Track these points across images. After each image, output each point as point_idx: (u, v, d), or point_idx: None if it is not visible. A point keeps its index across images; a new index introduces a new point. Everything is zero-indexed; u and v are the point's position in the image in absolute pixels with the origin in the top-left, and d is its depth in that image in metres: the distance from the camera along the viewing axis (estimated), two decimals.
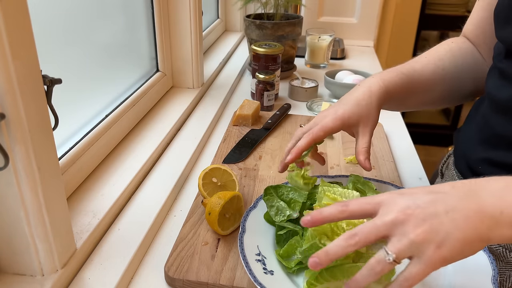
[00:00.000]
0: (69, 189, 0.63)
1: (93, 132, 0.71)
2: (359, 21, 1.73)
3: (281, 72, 1.20)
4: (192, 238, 0.60)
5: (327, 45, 1.38)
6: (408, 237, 0.39)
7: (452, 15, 2.50)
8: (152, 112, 0.93)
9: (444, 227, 0.38)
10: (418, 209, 0.40)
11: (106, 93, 0.80)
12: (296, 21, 1.25)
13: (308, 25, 1.62)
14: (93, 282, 0.52)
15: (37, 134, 0.43)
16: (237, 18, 1.68)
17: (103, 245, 0.58)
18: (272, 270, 0.52)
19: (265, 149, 0.86)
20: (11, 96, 0.39)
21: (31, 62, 0.42)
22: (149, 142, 0.81)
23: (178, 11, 0.98)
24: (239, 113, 0.95)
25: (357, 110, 0.60)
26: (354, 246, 0.40)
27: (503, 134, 0.58)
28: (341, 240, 0.41)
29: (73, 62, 0.68)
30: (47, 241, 0.47)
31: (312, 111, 1.08)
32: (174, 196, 0.72)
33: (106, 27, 0.79)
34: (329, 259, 0.41)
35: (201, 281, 0.53)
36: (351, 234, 0.41)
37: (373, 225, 0.40)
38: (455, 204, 0.40)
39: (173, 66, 1.05)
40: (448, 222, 0.39)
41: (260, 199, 0.63)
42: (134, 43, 0.91)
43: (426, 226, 0.39)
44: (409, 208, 0.40)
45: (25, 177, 0.43)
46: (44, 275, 0.49)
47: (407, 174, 0.82)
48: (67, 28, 0.66)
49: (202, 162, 0.84)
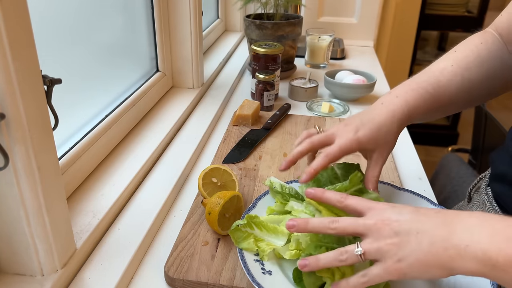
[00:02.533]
0: (69, 189, 0.63)
1: (93, 132, 0.71)
2: (359, 21, 1.73)
3: (281, 72, 1.20)
4: (192, 238, 0.60)
5: (327, 45, 1.38)
6: (378, 242, 0.44)
7: (452, 15, 2.50)
8: (152, 112, 0.93)
9: (410, 245, 0.42)
10: (396, 222, 0.44)
11: (106, 93, 0.80)
12: (296, 21, 1.25)
13: (308, 25, 1.62)
14: (93, 282, 0.52)
15: (37, 134, 0.43)
16: (237, 18, 1.68)
17: (103, 245, 0.58)
18: (270, 270, 0.52)
19: (265, 149, 0.86)
20: (11, 96, 0.39)
21: (31, 62, 0.42)
22: (149, 142, 0.81)
23: (178, 11, 0.99)
24: (239, 113, 0.95)
25: (377, 135, 0.58)
26: (331, 230, 0.47)
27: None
28: (324, 219, 0.48)
29: (73, 62, 0.68)
30: (47, 241, 0.47)
31: (312, 111, 1.08)
32: (174, 196, 0.72)
33: (106, 27, 0.79)
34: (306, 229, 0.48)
35: (201, 281, 0.53)
36: (334, 219, 0.47)
37: (355, 221, 0.46)
38: (428, 228, 0.43)
39: (173, 66, 1.06)
40: (414, 242, 0.42)
41: (259, 199, 0.63)
42: (134, 43, 0.91)
43: (395, 239, 0.43)
44: (389, 220, 0.45)
45: (25, 177, 0.43)
46: (44, 275, 0.49)
47: (407, 174, 0.82)
48: (67, 28, 0.66)
49: (202, 162, 0.84)
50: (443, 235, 0.41)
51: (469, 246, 0.39)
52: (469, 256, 0.39)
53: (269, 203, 0.63)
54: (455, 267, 0.40)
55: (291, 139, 0.90)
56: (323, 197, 0.51)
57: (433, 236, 0.42)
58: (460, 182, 1.31)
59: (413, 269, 0.41)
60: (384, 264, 0.43)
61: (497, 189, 0.64)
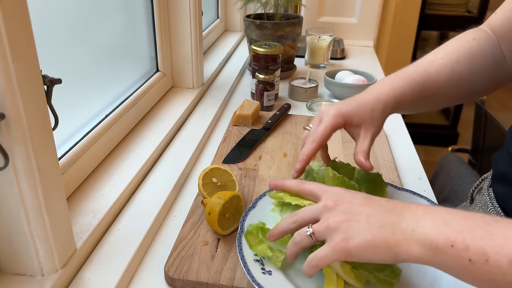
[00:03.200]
0: (69, 189, 0.63)
1: (93, 132, 0.71)
2: (359, 21, 1.73)
3: (281, 72, 1.20)
4: (192, 238, 0.60)
5: (327, 45, 1.38)
6: (327, 221, 0.44)
7: (452, 15, 2.50)
8: (152, 112, 0.93)
9: (359, 225, 0.43)
10: (346, 204, 0.45)
11: (106, 93, 0.80)
12: (296, 21, 1.25)
13: (308, 25, 1.62)
14: (93, 282, 0.52)
15: (37, 134, 0.43)
16: (237, 18, 1.68)
17: (103, 245, 0.58)
18: (270, 270, 0.52)
19: (265, 149, 0.86)
20: (11, 96, 0.39)
21: (31, 63, 0.42)
22: (149, 142, 0.81)
23: (178, 11, 0.99)
24: (239, 113, 0.95)
25: (362, 111, 0.58)
26: (294, 223, 0.48)
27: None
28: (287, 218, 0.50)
29: (73, 62, 0.68)
30: (47, 241, 0.47)
31: (312, 111, 1.08)
32: (174, 196, 0.72)
33: (106, 27, 0.79)
34: (278, 234, 0.50)
35: (201, 281, 0.53)
36: (293, 214, 0.49)
37: (310, 208, 0.48)
38: (378, 213, 0.44)
39: (173, 66, 1.06)
40: (364, 223, 0.43)
41: (259, 199, 0.63)
42: (134, 43, 0.91)
43: (344, 218, 0.44)
44: (340, 201, 0.46)
45: (25, 177, 0.43)
46: (44, 275, 0.49)
47: (407, 174, 0.82)
48: (67, 28, 0.66)
49: (202, 162, 0.84)
50: (391, 220, 0.42)
51: (415, 230, 0.41)
52: (414, 240, 0.40)
53: (269, 203, 0.63)
54: (401, 251, 0.41)
55: (291, 139, 0.90)
56: (284, 185, 0.53)
57: (382, 220, 0.43)
58: (460, 182, 1.31)
59: (360, 249, 0.42)
60: (331, 243, 0.43)
61: (498, 190, 0.64)
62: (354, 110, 0.58)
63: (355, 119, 0.58)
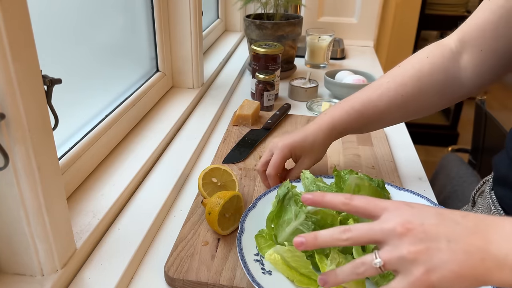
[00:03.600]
0: (69, 189, 0.63)
1: (93, 132, 0.71)
2: (359, 21, 1.73)
3: (281, 72, 1.20)
4: (192, 238, 0.60)
5: (327, 45, 1.38)
6: (400, 251, 0.38)
7: (452, 15, 2.50)
8: (152, 112, 0.93)
9: (441, 254, 0.37)
10: (420, 227, 0.38)
11: (106, 93, 0.80)
12: (296, 21, 1.25)
13: (308, 25, 1.62)
14: (93, 282, 0.52)
15: (37, 134, 0.43)
16: (237, 18, 1.68)
17: (103, 245, 0.58)
18: (270, 270, 0.52)
19: (265, 149, 0.86)
20: (11, 96, 0.39)
21: (31, 62, 0.42)
22: (149, 142, 0.81)
23: (178, 11, 0.99)
24: (239, 113, 0.95)
25: (303, 143, 0.69)
26: (344, 241, 0.40)
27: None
28: (334, 230, 0.41)
29: (73, 62, 0.68)
30: (47, 241, 0.47)
31: (312, 111, 1.08)
32: (174, 196, 0.72)
33: (106, 27, 0.79)
34: (315, 245, 0.41)
35: (201, 281, 0.53)
36: (345, 228, 0.41)
37: (369, 228, 0.40)
38: (460, 235, 0.38)
39: (173, 66, 1.06)
40: (446, 251, 0.37)
41: (259, 199, 0.63)
42: (134, 43, 0.91)
43: (421, 247, 0.37)
44: (411, 223, 0.39)
45: (25, 177, 0.43)
46: (44, 275, 0.49)
47: (407, 174, 0.82)
48: (67, 28, 0.66)
49: (202, 162, 0.84)
50: (478, 244, 0.37)
51: (509, 255, 0.36)
52: (508, 266, 0.36)
53: (269, 203, 0.63)
54: (491, 278, 0.36)
55: None
56: (324, 201, 0.44)
57: (467, 245, 0.37)
58: (460, 182, 1.31)
59: (445, 281, 0.36)
60: (408, 277, 0.37)
61: (499, 193, 0.64)
62: (297, 143, 0.69)
63: (297, 150, 0.69)
